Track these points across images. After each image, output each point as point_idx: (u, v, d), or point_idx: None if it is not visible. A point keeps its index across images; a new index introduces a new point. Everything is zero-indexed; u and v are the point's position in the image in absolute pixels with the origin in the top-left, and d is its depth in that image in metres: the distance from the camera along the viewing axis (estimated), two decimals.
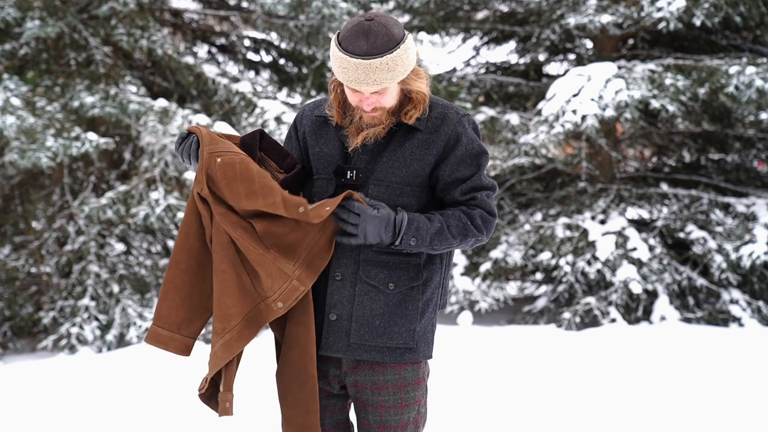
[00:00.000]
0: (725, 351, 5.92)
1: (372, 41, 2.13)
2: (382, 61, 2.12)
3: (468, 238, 2.22)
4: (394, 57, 2.14)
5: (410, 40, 2.20)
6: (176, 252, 2.30)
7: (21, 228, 7.94)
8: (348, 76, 2.15)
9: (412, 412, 2.29)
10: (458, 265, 7.97)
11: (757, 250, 6.95)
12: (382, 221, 2.14)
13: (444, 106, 2.29)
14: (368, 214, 2.14)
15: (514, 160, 7.61)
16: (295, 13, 7.72)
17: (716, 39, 8.48)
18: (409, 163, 2.23)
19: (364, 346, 2.23)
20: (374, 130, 2.23)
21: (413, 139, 2.24)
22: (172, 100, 7.83)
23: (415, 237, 2.16)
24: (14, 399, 5.08)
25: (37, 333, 7.73)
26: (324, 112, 2.33)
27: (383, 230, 2.14)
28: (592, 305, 7.22)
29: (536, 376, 5.32)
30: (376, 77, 2.13)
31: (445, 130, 2.24)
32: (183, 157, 2.30)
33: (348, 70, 2.14)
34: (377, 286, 2.23)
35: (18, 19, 6.95)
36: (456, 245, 2.22)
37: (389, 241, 2.16)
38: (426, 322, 2.28)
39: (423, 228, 2.17)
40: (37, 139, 6.37)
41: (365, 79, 2.13)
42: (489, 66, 9.50)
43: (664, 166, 9.24)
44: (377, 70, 2.12)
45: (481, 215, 2.24)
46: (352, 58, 2.13)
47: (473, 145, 2.25)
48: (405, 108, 2.25)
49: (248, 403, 4.75)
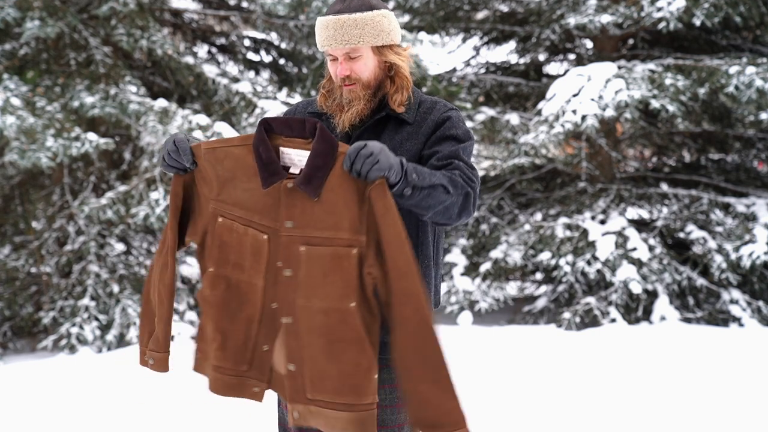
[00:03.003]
0: (725, 351, 5.92)
1: (347, 3, 2.22)
2: (351, 17, 2.18)
3: (458, 188, 2.09)
4: (365, 17, 2.19)
5: (391, 15, 2.25)
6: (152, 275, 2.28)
7: (21, 228, 7.94)
8: (322, 38, 2.22)
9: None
10: (458, 265, 7.97)
11: (757, 250, 6.95)
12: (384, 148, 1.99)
13: (432, 101, 2.31)
14: (373, 142, 1.99)
15: (514, 160, 7.61)
16: (295, 13, 7.73)
17: (716, 39, 8.48)
18: (399, 155, 2.22)
19: None
20: (356, 109, 2.22)
21: (403, 132, 2.25)
22: (172, 100, 7.83)
23: (415, 172, 2.03)
24: (14, 399, 5.08)
25: (37, 333, 7.73)
26: (317, 109, 2.34)
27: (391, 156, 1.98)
28: (592, 305, 7.22)
29: (536, 376, 5.32)
30: (344, 33, 2.19)
31: (432, 117, 2.25)
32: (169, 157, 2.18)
33: (321, 30, 2.22)
34: None
35: (18, 19, 6.95)
36: (451, 194, 2.08)
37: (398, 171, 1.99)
38: None
39: (417, 166, 2.06)
40: (37, 139, 6.37)
41: (334, 36, 2.19)
42: (489, 66, 9.51)
43: (664, 166, 9.24)
44: (345, 25, 2.18)
45: (460, 175, 2.13)
46: (324, 18, 2.23)
47: (457, 131, 2.22)
48: (388, 90, 2.26)
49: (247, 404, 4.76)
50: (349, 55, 2.21)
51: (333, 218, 2.03)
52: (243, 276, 2.13)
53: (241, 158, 2.12)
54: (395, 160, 1.99)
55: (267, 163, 2.07)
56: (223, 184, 2.15)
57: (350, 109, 2.23)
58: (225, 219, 2.15)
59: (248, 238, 2.11)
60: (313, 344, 2.05)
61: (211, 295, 2.16)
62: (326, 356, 2.05)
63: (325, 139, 2.03)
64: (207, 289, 2.17)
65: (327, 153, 2.02)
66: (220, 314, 2.15)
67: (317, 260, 2.04)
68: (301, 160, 2.08)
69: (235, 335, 2.14)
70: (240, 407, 4.69)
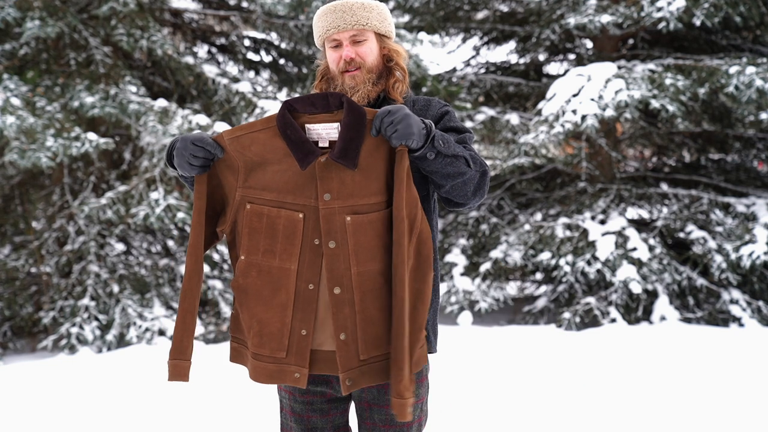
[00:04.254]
0: (725, 351, 5.92)
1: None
2: (358, 0, 2.25)
3: (476, 164, 2.13)
4: (371, 2, 2.27)
5: (389, 11, 2.34)
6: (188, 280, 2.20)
7: (21, 228, 7.94)
8: (327, 22, 2.25)
9: (416, 410, 2.30)
10: (458, 265, 7.97)
11: (757, 250, 6.95)
12: (408, 115, 2.02)
13: (426, 100, 2.34)
14: (398, 107, 2.02)
15: (514, 160, 7.61)
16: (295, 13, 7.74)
17: (716, 39, 8.49)
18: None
19: None
20: (362, 92, 2.24)
21: None
22: (172, 100, 7.83)
23: (442, 139, 2.07)
24: (14, 399, 5.08)
25: (37, 333, 7.73)
26: None
27: (417, 123, 2.02)
28: (592, 305, 7.22)
29: (536, 376, 5.32)
30: (353, 14, 2.24)
31: (432, 112, 2.28)
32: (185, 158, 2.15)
33: (326, 15, 2.25)
34: None
35: (18, 19, 6.95)
36: (470, 168, 2.11)
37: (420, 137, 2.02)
38: (432, 314, 2.30)
39: (446, 135, 2.09)
40: (37, 139, 6.38)
41: (343, 18, 2.24)
42: (489, 66, 9.51)
43: (664, 166, 9.24)
44: (354, 7, 2.24)
45: (471, 155, 2.16)
46: (330, 4, 2.26)
47: (458, 124, 2.27)
48: (387, 82, 2.29)
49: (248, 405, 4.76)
50: (355, 38, 2.25)
51: (375, 184, 2.08)
52: (274, 261, 2.13)
53: (268, 141, 2.12)
54: (419, 126, 2.01)
55: (299, 143, 2.08)
56: (250, 169, 2.15)
57: (355, 93, 2.24)
58: (254, 205, 2.14)
59: (281, 220, 2.12)
60: (372, 306, 2.10)
61: (244, 284, 2.16)
62: (385, 312, 2.11)
63: (354, 110, 2.05)
64: (240, 277, 2.17)
65: (358, 123, 2.05)
66: (254, 302, 2.15)
67: (368, 226, 2.08)
68: (329, 133, 2.10)
69: (271, 322, 2.14)
70: (239, 408, 4.69)
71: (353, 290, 2.10)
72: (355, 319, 2.11)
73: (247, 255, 2.16)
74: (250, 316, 2.17)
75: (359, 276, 2.09)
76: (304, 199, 2.11)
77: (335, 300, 2.11)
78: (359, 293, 2.09)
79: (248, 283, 2.16)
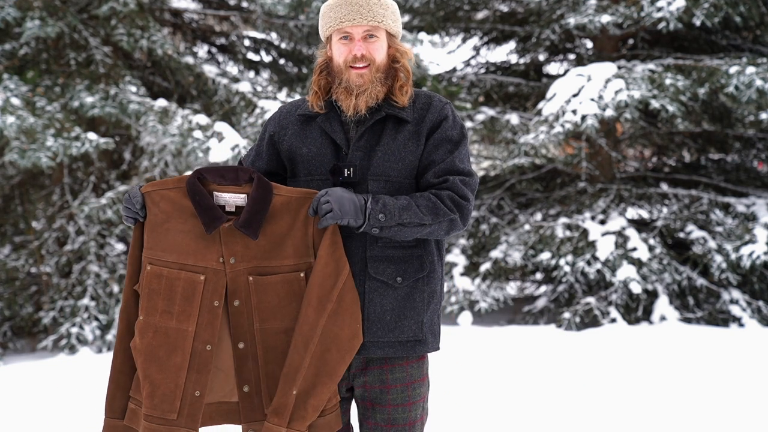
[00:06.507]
0: (725, 351, 5.92)
1: None
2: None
3: (440, 216, 2.17)
4: (386, 0, 2.26)
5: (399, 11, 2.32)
6: (120, 340, 2.26)
7: (21, 228, 7.94)
8: (340, 14, 2.22)
9: (418, 409, 2.31)
10: (458, 265, 7.97)
11: (757, 250, 6.95)
12: (350, 197, 2.14)
13: (427, 96, 2.31)
14: (335, 191, 2.15)
15: (514, 160, 7.61)
16: (295, 13, 7.74)
17: (716, 39, 8.48)
18: (404, 156, 2.23)
19: (377, 343, 2.23)
20: (371, 92, 2.22)
21: (404, 132, 2.24)
22: (172, 100, 7.83)
23: (383, 212, 2.13)
24: (14, 399, 5.08)
25: (37, 333, 7.73)
26: (307, 110, 2.31)
27: (352, 204, 2.12)
28: (592, 305, 7.22)
29: (536, 376, 5.31)
30: (370, 9, 2.22)
31: (430, 117, 2.26)
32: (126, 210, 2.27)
33: (342, 7, 2.23)
34: (386, 281, 2.23)
35: (18, 19, 6.95)
36: (429, 224, 2.17)
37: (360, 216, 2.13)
38: (432, 314, 2.30)
39: (389, 203, 2.15)
40: (37, 139, 6.37)
41: (359, 11, 2.21)
42: (489, 66, 9.51)
43: (664, 166, 9.24)
44: (371, 2, 2.22)
45: (450, 196, 2.19)
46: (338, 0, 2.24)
47: (453, 131, 2.25)
48: (395, 84, 2.26)
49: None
50: (369, 33, 2.23)
51: (280, 249, 2.20)
52: (171, 323, 2.19)
53: (177, 200, 2.21)
54: (354, 207, 2.11)
55: (207, 209, 2.18)
56: (152, 229, 2.22)
57: (364, 92, 2.22)
58: (154, 266, 2.21)
59: (180, 282, 2.19)
60: (275, 361, 2.19)
61: (140, 344, 2.21)
62: None
63: (263, 186, 2.19)
64: (137, 338, 2.22)
65: (265, 198, 2.18)
66: (148, 363, 2.20)
67: (268, 287, 2.20)
68: (236, 200, 2.22)
69: (164, 383, 2.19)
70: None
71: (256, 345, 2.20)
72: (258, 373, 2.20)
73: (146, 316, 2.22)
74: (144, 377, 2.20)
75: (262, 332, 2.20)
76: (205, 262, 2.20)
77: (239, 354, 2.21)
78: (262, 348, 2.20)
79: (144, 344, 2.20)
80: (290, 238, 2.20)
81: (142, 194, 2.24)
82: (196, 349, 2.19)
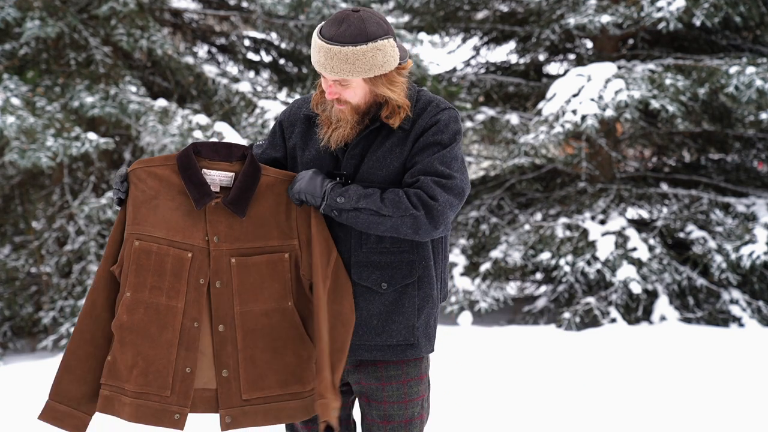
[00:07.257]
0: (725, 351, 5.92)
1: (342, 29, 2.14)
2: (343, 50, 2.12)
3: (401, 210, 2.13)
4: (356, 51, 2.12)
5: (389, 44, 2.15)
6: (81, 321, 2.24)
7: (21, 228, 7.94)
8: (314, 58, 2.20)
9: (416, 407, 2.30)
10: (458, 265, 7.97)
11: (757, 250, 6.95)
12: (317, 178, 2.19)
13: (427, 101, 2.26)
14: (308, 171, 2.22)
15: (514, 160, 7.61)
16: (295, 13, 7.73)
17: (716, 39, 8.48)
18: (389, 163, 2.22)
19: (364, 345, 2.24)
20: (341, 132, 2.21)
21: (393, 137, 2.23)
22: (172, 100, 7.83)
23: (342, 195, 2.16)
24: (14, 399, 5.08)
25: (37, 333, 7.73)
26: (310, 111, 2.32)
27: (313, 184, 2.18)
28: (592, 305, 7.22)
29: (536, 376, 5.31)
30: (334, 65, 2.14)
31: (420, 123, 2.22)
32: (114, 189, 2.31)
33: (314, 51, 2.20)
34: (371, 287, 2.23)
35: (18, 19, 6.95)
36: (389, 216, 2.14)
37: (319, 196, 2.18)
38: (426, 318, 2.28)
39: (352, 189, 2.17)
40: (37, 139, 6.38)
41: (325, 64, 2.16)
42: (489, 66, 9.50)
43: (664, 166, 9.24)
44: (335, 57, 2.14)
45: (416, 194, 2.15)
46: (319, 40, 2.18)
47: (440, 136, 2.19)
48: (382, 113, 2.22)
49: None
50: (339, 82, 2.19)
51: (264, 230, 2.23)
52: (162, 299, 2.20)
53: (164, 177, 2.23)
54: (314, 186, 2.16)
55: (198, 184, 2.20)
56: (139, 206, 2.22)
57: (337, 129, 2.22)
58: (142, 242, 2.21)
59: (170, 259, 2.20)
60: (255, 345, 2.21)
61: (129, 321, 2.20)
62: (270, 353, 2.21)
63: (254, 163, 2.22)
64: (123, 315, 2.20)
65: (254, 176, 2.22)
66: (141, 339, 2.20)
67: (252, 268, 2.21)
68: (222, 180, 2.23)
69: (157, 359, 2.19)
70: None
71: (236, 329, 2.21)
72: (237, 357, 2.21)
73: (134, 292, 2.21)
74: (135, 353, 2.20)
75: (242, 315, 2.21)
76: (192, 239, 2.21)
77: (219, 338, 2.22)
78: (241, 332, 2.21)
79: (135, 321, 2.20)
80: (274, 219, 2.23)
81: (127, 172, 2.26)
82: (184, 326, 2.20)
